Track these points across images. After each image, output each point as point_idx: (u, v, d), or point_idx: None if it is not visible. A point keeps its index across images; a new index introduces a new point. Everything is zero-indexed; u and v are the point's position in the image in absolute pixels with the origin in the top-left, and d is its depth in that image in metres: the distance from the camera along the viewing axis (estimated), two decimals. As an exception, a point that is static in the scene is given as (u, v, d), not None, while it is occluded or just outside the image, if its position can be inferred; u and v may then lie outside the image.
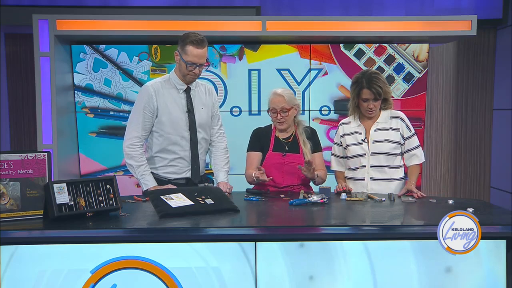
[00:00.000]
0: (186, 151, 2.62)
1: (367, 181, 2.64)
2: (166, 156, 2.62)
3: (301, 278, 1.84)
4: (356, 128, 2.70)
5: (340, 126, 2.78)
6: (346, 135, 2.72)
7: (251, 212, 2.19)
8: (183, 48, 2.52)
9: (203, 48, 2.53)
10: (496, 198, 4.73)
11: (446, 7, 4.59)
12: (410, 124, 2.70)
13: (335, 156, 2.81)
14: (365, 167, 2.65)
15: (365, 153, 2.65)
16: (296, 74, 4.08)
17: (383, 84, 2.62)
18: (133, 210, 2.13)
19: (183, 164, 2.64)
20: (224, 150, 2.80)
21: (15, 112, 4.68)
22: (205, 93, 2.73)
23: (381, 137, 2.64)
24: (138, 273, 1.81)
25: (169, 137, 2.59)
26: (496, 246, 1.86)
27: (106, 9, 4.37)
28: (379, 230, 1.89)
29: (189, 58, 2.51)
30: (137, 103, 2.59)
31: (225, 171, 2.76)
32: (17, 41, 4.63)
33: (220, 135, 2.81)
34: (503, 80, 4.66)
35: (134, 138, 2.56)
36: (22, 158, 1.93)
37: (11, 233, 1.79)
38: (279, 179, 2.72)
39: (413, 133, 2.68)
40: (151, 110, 2.56)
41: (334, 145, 2.82)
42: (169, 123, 2.58)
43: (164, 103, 2.57)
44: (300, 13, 4.53)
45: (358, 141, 2.67)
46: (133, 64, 4.01)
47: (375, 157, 2.63)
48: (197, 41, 2.51)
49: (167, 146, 2.60)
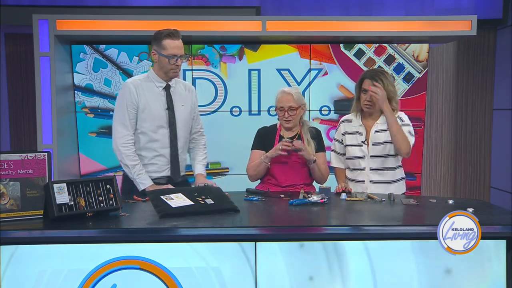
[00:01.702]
0: (166, 148, 2.63)
1: (367, 184, 2.64)
2: (147, 154, 2.61)
3: (301, 278, 1.84)
4: (358, 128, 2.69)
5: (342, 123, 2.77)
6: (347, 134, 2.72)
7: (251, 212, 2.19)
8: (160, 44, 2.54)
9: (179, 38, 2.57)
10: (496, 198, 4.73)
11: (446, 7, 4.60)
12: (408, 121, 2.65)
13: (335, 152, 2.80)
14: (364, 170, 2.65)
15: (365, 155, 2.65)
16: (296, 74, 4.09)
17: (386, 81, 2.60)
18: (133, 210, 2.13)
19: (162, 161, 2.64)
20: (203, 146, 2.85)
21: (15, 112, 4.68)
22: (184, 90, 2.74)
23: (380, 139, 2.63)
24: (138, 273, 1.81)
25: (149, 134, 2.59)
26: (496, 246, 1.86)
27: (106, 9, 4.37)
28: (379, 230, 1.89)
29: (169, 51, 2.53)
30: (120, 101, 2.59)
31: (202, 164, 2.80)
32: (17, 41, 4.63)
33: (200, 134, 2.85)
34: (503, 80, 4.66)
35: (126, 137, 2.55)
36: (22, 158, 1.93)
37: (11, 233, 1.79)
38: (281, 177, 2.73)
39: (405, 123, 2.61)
40: (133, 106, 2.56)
41: (334, 142, 2.81)
42: (149, 119, 2.58)
43: (145, 99, 2.58)
44: (300, 13, 4.53)
45: (358, 143, 2.67)
46: (133, 64, 4.01)
47: (374, 160, 2.63)
48: (172, 33, 2.54)
49: (147, 143, 2.60)
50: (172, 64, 2.55)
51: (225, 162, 4.11)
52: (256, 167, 2.73)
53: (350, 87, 4.08)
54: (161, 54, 2.55)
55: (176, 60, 2.55)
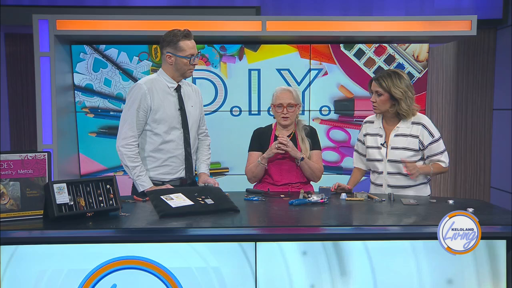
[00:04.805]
0: (179, 149, 2.62)
1: (385, 187, 2.62)
2: (160, 156, 2.60)
3: (301, 278, 1.84)
4: (378, 130, 2.66)
5: (364, 124, 2.76)
6: (368, 135, 2.70)
7: (251, 212, 2.19)
8: (176, 46, 2.53)
9: (193, 38, 2.59)
10: (496, 198, 4.73)
11: (446, 7, 4.59)
12: (434, 129, 2.60)
13: (358, 153, 2.80)
14: (382, 174, 2.63)
15: (382, 158, 2.62)
16: (296, 74, 4.09)
17: (390, 82, 2.54)
18: (133, 210, 2.14)
19: (176, 163, 2.63)
20: (208, 147, 2.86)
21: (15, 112, 4.68)
22: (192, 91, 2.75)
23: (399, 144, 2.58)
24: (138, 273, 1.81)
25: (162, 135, 2.58)
26: (496, 246, 1.86)
27: (106, 9, 4.37)
28: (379, 230, 1.89)
29: (188, 52, 2.54)
30: (130, 101, 2.56)
31: (207, 164, 2.81)
32: (17, 41, 4.63)
33: (205, 134, 2.86)
34: (503, 80, 4.66)
35: (130, 138, 2.53)
36: (22, 158, 1.93)
37: (11, 233, 1.79)
38: (277, 176, 2.75)
39: (435, 139, 2.58)
40: (145, 108, 2.54)
41: (357, 142, 2.81)
42: (163, 121, 2.57)
43: (158, 100, 2.57)
44: (300, 13, 4.53)
45: (378, 145, 2.64)
46: (133, 64, 4.01)
47: (392, 164, 2.59)
48: (187, 33, 2.56)
49: (161, 145, 2.59)
50: (191, 64, 2.57)
51: (225, 162, 4.11)
52: (254, 169, 2.75)
53: (350, 87, 4.08)
54: (178, 56, 2.54)
55: (194, 59, 2.57)
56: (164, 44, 2.57)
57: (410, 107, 2.58)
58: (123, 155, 2.53)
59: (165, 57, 2.58)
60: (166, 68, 2.62)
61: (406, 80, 2.59)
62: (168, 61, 2.58)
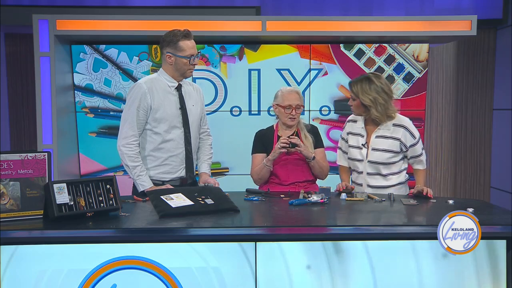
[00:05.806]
0: (180, 148, 2.62)
1: (364, 187, 2.64)
2: (160, 155, 2.60)
3: (301, 278, 1.84)
4: (360, 130, 2.67)
5: (348, 123, 2.77)
6: (351, 134, 2.71)
7: (251, 212, 2.19)
8: (176, 46, 2.53)
9: (192, 37, 2.59)
10: (496, 198, 4.73)
11: (446, 7, 4.59)
12: (414, 130, 2.61)
13: (341, 150, 2.80)
14: (362, 173, 2.65)
15: (363, 159, 2.64)
16: (296, 74, 4.09)
17: (360, 88, 2.54)
18: (133, 210, 2.14)
19: (176, 162, 2.63)
20: (209, 146, 2.86)
21: (15, 112, 4.68)
22: (193, 90, 2.75)
23: (380, 145, 2.60)
24: (138, 273, 1.81)
25: (162, 134, 2.58)
26: (496, 246, 1.86)
27: (106, 9, 4.37)
28: (379, 230, 1.89)
29: (188, 52, 2.54)
30: (130, 101, 2.56)
31: (208, 164, 2.81)
32: (17, 41, 4.62)
33: (207, 134, 2.86)
34: (503, 80, 4.66)
35: (131, 137, 2.53)
36: (22, 158, 1.93)
37: (11, 233, 1.79)
38: (284, 176, 2.75)
39: (417, 140, 2.61)
40: (145, 107, 2.55)
41: (340, 140, 2.82)
42: (164, 120, 2.57)
43: (158, 100, 2.57)
44: (300, 13, 4.53)
45: (359, 145, 2.66)
46: (133, 64, 4.01)
47: (372, 165, 2.61)
48: (187, 33, 2.56)
49: (161, 144, 2.59)
50: (191, 64, 2.57)
51: (225, 162, 4.11)
52: (260, 171, 2.75)
53: (350, 87, 4.08)
54: (178, 56, 2.54)
55: (193, 59, 2.57)
56: (164, 44, 2.57)
57: (382, 113, 2.56)
58: (123, 155, 2.53)
59: (165, 57, 2.58)
60: (166, 68, 2.62)
61: (378, 86, 2.54)
62: (168, 61, 2.58)
